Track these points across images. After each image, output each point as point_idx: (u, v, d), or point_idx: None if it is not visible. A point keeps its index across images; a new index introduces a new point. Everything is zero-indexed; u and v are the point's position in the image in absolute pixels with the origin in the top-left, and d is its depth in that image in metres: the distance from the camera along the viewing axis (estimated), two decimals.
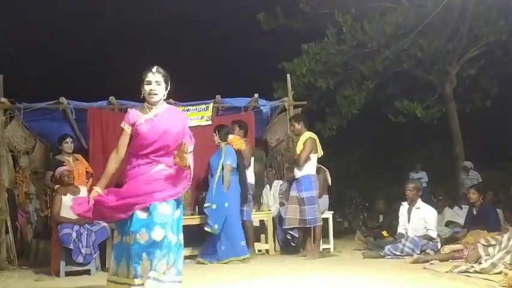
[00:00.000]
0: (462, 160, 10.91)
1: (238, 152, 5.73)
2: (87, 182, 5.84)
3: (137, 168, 3.13)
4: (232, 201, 5.59)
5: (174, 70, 3.38)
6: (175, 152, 3.02)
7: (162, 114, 3.19)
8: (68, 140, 5.88)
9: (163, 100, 3.26)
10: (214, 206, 5.51)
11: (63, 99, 6.44)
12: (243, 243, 5.58)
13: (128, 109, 3.40)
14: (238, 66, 13.63)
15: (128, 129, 3.20)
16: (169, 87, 3.22)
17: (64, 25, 12.77)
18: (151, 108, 3.19)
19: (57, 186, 5.51)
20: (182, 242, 3.22)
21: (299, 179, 5.73)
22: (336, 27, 10.81)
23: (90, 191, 5.76)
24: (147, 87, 3.15)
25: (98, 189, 3.11)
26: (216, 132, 5.80)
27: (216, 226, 5.46)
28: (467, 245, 4.81)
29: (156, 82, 3.14)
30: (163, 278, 2.98)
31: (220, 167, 5.58)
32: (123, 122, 3.22)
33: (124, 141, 3.20)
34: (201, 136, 5.50)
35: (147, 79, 3.14)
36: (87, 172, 5.93)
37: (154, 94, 3.15)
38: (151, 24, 13.46)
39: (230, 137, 5.79)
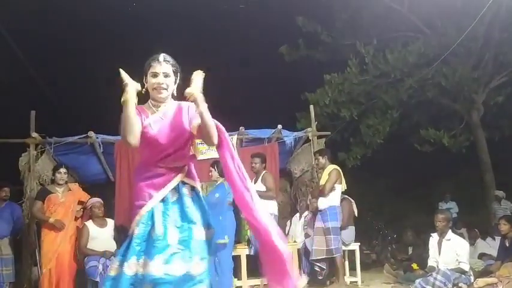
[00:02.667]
0: (493, 189, 10.60)
1: None
2: (80, 211, 5.71)
3: (149, 181, 2.50)
4: (229, 234, 5.57)
5: None
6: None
7: (171, 111, 2.57)
8: (62, 170, 5.63)
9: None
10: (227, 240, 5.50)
11: (91, 133, 6.60)
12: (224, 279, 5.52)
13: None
14: (262, 98, 13.78)
15: None
16: (178, 80, 2.61)
17: (91, 63, 13.23)
18: (159, 106, 2.56)
19: (84, 222, 5.58)
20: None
21: (324, 210, 5.71)
22: (358, 58, 10.87)
23: (82, 218, 5.68)
24: (153, 80, 2.52)
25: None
26: (215, 167, 5.71)
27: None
28: (502, 278, 4.65)
29: (163, 74, 2.52)
30: None
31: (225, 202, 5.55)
32: None
33: None
34: None
35: (153, 70, 2.52)
36: (80, 202, 5.78)
37: (163, 89, 2.52)
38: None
39: None
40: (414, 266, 6.41)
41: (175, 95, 2.63)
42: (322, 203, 5.74)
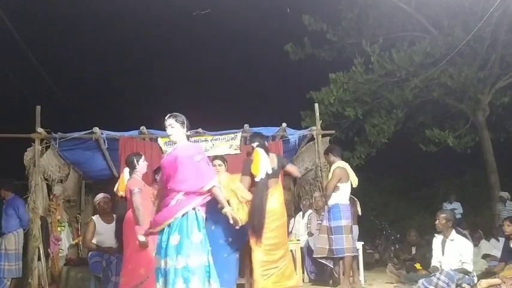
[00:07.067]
0: (498, 190, 10.56)
1: None
2: None
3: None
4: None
5: (203, 100, 3.44)
6: None
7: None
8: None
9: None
10: None
11: (96, 129, 6.60)
12: (226, 276, 5.10)
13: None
14: (267, 96, 13.79)
15: None
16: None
17: (96, 60, 13.27)
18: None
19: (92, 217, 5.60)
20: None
21: (329, 208, 5.68)
22: (364, 57, 10.82)
23: None
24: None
25: None
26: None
27: None
28: (505, 279, 4.63)
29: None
30: None
31: None
32: None
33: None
34: (229, 165, 5.55)
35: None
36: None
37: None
38: (180, 55, 13.87)
39: None
40: (417, 266, 6.39)
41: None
42: (328, 201, 5.72)
